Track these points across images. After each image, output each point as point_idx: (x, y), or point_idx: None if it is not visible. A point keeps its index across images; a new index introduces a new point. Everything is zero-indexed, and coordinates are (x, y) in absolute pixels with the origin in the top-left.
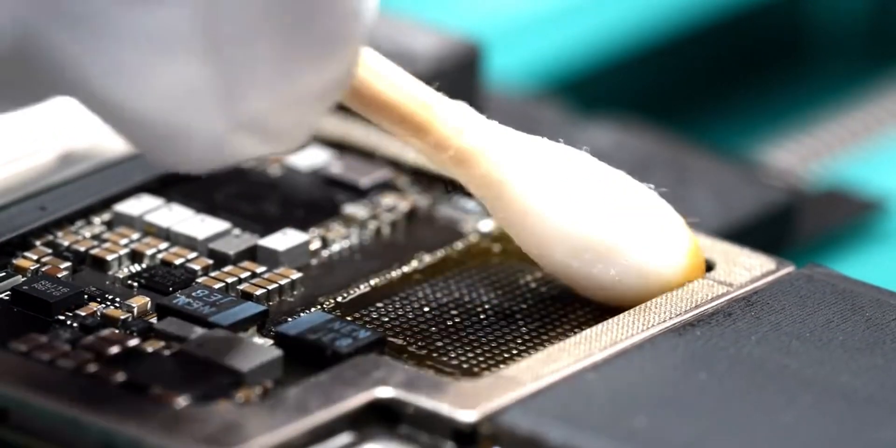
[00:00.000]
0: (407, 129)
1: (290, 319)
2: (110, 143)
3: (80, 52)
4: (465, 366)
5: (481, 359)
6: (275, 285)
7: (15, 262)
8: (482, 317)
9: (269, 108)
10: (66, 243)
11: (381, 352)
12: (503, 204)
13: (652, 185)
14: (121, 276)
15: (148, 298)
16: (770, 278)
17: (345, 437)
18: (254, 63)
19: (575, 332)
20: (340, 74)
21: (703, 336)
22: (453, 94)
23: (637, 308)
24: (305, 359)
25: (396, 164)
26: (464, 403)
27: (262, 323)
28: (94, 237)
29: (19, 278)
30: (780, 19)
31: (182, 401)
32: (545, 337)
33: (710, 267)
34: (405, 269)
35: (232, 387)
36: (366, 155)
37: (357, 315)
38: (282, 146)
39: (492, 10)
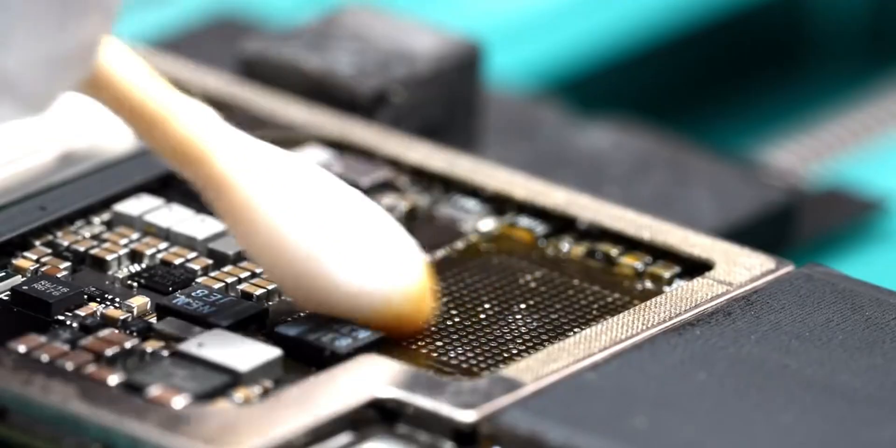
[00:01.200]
0: (142, 123)
1: (289, 319)
2: (110, 143)
3: None
4: (465, 366)
5: (481, 359)
6: (274, 285)
7: (15, 262)
8: (482, 317)
9: (23, 67)
10: (65, 243)
11: (381, 352)
12: (229, 207)
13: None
14: (120, 276)
15: (147, 298)
16: (770, 278)
17: (344, 437)
18: (10, 21)
19: (575, 332)
20: (92, 39)
21: (703, 335)
22: (453, 94)
23: (637, 308)
24: (305, 359)
25: (396, 164)
26: (463, 403)
27: (261, 323)
28: (94, 237)
29: (19, 278)
30: (780, 19)
31: (181, 400)
32: (545, 337)
33: (709, 266)
34: None
35: (231, 386)
36: (366, 155)
37: None
38: (30, 110)
39: (492, 10)
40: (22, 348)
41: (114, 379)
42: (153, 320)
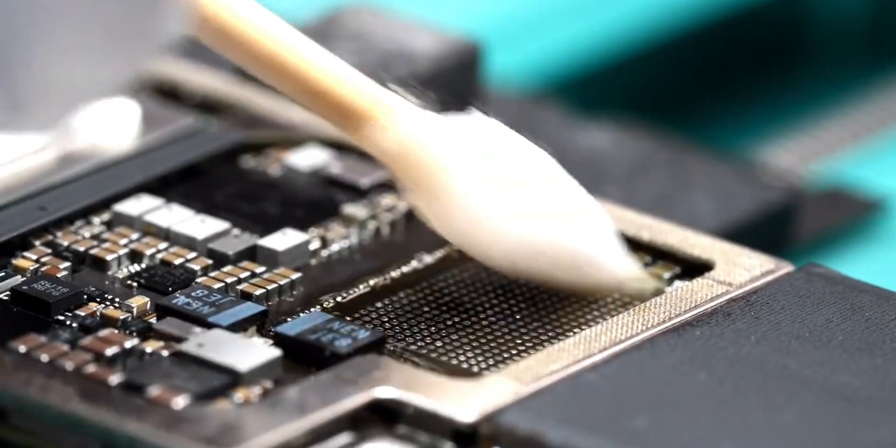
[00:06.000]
0: (329, 105)
1: (289, 319)
2: (110, 143)
3: None
4: (465, 366)
5: (481, 359)
6: (274, 285)
7: (15, 262)
8: (482, 317)
9: (45, 91)
10: (65, 243)
11: (381, 352)
12: (439, 198)
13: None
14: (120, 276)
15: (147, 298)
16: (769, 278)
17: (344, 438)
18: (49, 44)
19: (575, 332)
20: (126, 75)
21: (703, 336)
22: (453, 94)
23: (637, 308)
24: (305, 359)
25: None
26: (463, 403)
27: (261, 323)
28: (94, 237)
29: (19, 278)
30: (780, 19)
31: (181, 401)
32: (545, 337)
33: (709, 267)
34: (405, 269)
35: (231, 387)
36: (366, 155)
37: (357, 315)
38: (35, 129)
39: (492, 10)
40: (22, 348)
41: (114, 379)
42: (153, 320)
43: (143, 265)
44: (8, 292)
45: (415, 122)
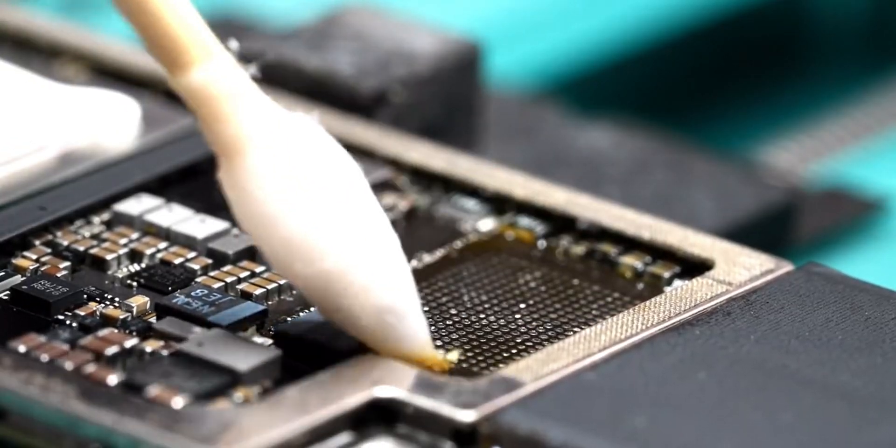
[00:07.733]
0: (162, 40)
1: (289, 319)
2: (110, 143)
3: None
4: (465, 366)
5: (481, 359)
6: (274, 285)
7: (14, 261)
8: (482, 317)
9: None
10: (65, 243)
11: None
12: (234, 171)
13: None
14: (120, 276)
15: (147, 298)
16: (769, 277)
17: (344, 437)
18: None
19: (575, 332)
20: None
21: (703, 335)
22: (453, 94)
23: (637, 308)
24: (305, 358)
25: (396, 164)
26: (463, 403)
27: (261, 322)
28: (94, 237)
29: (19, 278)
30: (780, 19)
31: (181, 400)
32: (545, 337)
33: (709, 266)
34: None
35: (231, 386)
36: (366, 154)
37: None
38: None
39: (492, 10)
40: (22, 348)
41: (113, 379)
42: (153, 320)
43: (143, 265)
44: (8, 292)
45: (241, 83)
